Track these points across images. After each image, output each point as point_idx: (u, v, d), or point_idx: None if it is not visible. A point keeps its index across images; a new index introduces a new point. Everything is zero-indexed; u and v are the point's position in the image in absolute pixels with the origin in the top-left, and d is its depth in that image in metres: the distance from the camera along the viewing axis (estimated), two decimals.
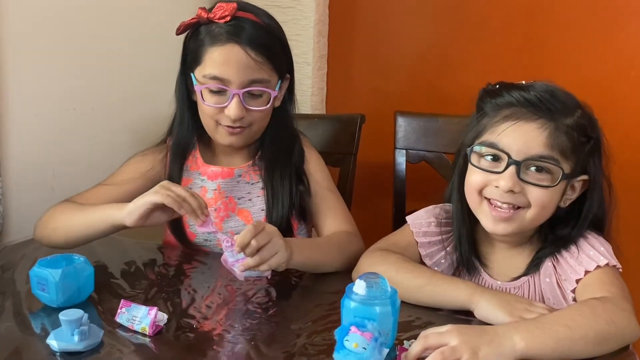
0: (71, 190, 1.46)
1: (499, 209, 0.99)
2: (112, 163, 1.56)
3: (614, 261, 0.99)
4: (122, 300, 0.96)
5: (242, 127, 1.22)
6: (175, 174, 1.29)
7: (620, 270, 1.01)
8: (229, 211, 1.28)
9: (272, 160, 1.29)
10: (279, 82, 1.24)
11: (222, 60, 1.17)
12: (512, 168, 0.97)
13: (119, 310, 0.95)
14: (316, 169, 1.33)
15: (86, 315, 0.88)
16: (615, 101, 1.58)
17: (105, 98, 1.58)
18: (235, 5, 1.18)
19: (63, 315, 0.87)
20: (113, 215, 1.12)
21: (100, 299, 1.04)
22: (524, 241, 1.08)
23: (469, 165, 1.04)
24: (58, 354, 0.86)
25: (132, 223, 1.09)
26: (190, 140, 1.31)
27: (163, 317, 0.95)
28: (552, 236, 1.04)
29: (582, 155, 1.00)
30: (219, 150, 1.32)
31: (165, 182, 1.11)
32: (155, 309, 0.93)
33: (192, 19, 1.22)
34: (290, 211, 1.27)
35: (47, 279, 0.98)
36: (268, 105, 1.22)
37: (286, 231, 1.27)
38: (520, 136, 0.97)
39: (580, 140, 0.99)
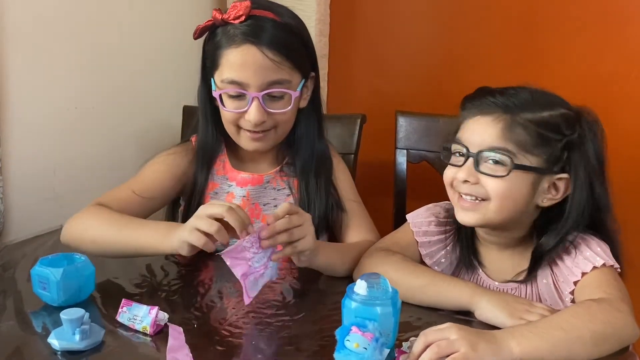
0: (72, 189, 1.47)
1: (465, 200, 1.03)
2: (113, 162, 1.57)
3: (611, 261, 1.00)
4: (123, 300, 0.96)
5: (265, 131, 1.18)
6: (202, 181, 1.25)
7: (619, 270, 1.01)
8: (254, 217, 1.25)
9: (305, 168, 1.25)
10: (303, 81, 1.19)
11: (238, 63, 1.13)
12: (470, 160, 1.01)
13: (120, 310, 0.95)
14: (343, 180, 1.30)
15: (87, 314, 0.88)
16: (616, 101, 1.58)
17: (107, 97, 1.58)
18: (249, 3, 1.13)
19: (64, 314, 0.87)
20: (161, 247, 1.04)
21: (101, 298, 1.04)
22: (515, 243, 1.08)
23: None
24: (59, 353, 0.86)
25: (185, 256, 1.03)
26: (215, 147, 1.26)
27: (164, 316, 0.95)
28: (543, 238, 1.04)
29: (555, 151, 1.00)
30: (245, 154, 1.28)
31: (200, 209, 1.00)
32: (156, 308, 0.93)
33: (207, 21, 1.17)
34: (325, 222, 1.23)
35: (48, 278, 0.98)
36: (290, 107, 1.17)
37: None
38: (477, 129, 1.02)
39: (548, 136, 0.99)
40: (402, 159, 1.57)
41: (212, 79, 1.18)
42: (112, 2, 1.57)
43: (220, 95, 1.17)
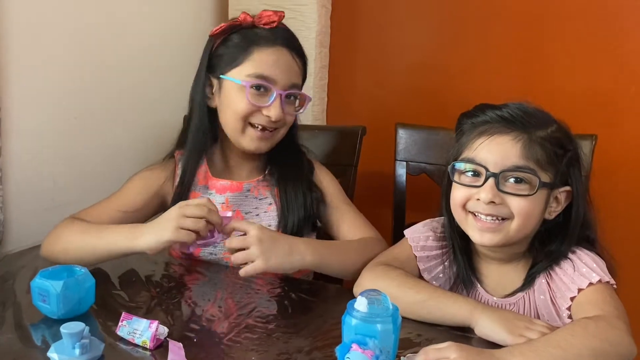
0: (71, 199, 1.46)
1: (484, 221, 1.02)
2: (113, 172, 1.56)
3: (607, 277, 1.00)
4: (123, 313, 0.96)
5: (272, 131, 1.25)
6: (188, 181, 1.29)
7: (615, 286, 1.01)
8: None
9: (282, 175, 1.30)
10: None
11: (272, 61, 1.22)
12: (490, 180, 1.00)
13: (120, 323, 0.95)
14: (329, 186, 1.33)
15: (87, 328, 0.88)
16: (615, 116, 1.58)
17: (107, 107, 1.58)
18: (282, 13, 1.25)
19: (64, 328, 0.87)
20: (132, 247, 1.12)
21: (101, 311, 1.04)
22: (515, 257, 1.08)
23: (453, 183, 1.06)
24: None
25: (153, 254, 1.12)
26: (206, 146, 1.30)
27: (164, 330, 0.94)
28: (543, 251, 1.05)
29: (561, 166, 1.02)
30: (225, 164, 1.32)
31: (177, 210, 1.10)
32: (156, 322, 0.92)
33: (234, 20, 1.25)
34: (307, 223, 1.27)
35: (48, 290, 0.97)
36: (302, 110, 1.28)
37: None
38: (496, 149, 1.01)
39: (557, 152, 1.01)
40: (401, 171, 1.58)
41: (222, 77, 1.24)
42: (113, 11, 1.57)
43: (248, 88, 1.21)
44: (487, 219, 1.01)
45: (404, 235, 1.18)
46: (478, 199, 1.01)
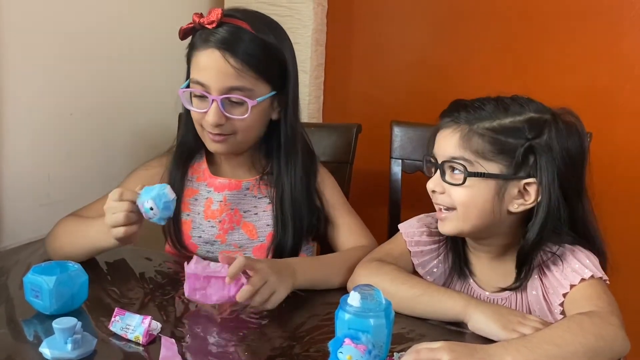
0: (66, 196, 1.47)
1: (440, 211, 1.05)
2: (108, 169, 1.57)
3: (600, 273, 1.00)
4: (116, 309, 0.96)
5: (225, 135, 1.20)
6: (177, 180, 1.28)
7: (608, 282, 1.01)
8: (234, 224, 1.27)
9: (281, 178, 1.26)
10: (272, 93, 1.20)
11: (202, 65, 1.17)
12: (438, 171, 1.04)
13: (112, 319, 0.95)
14: (329, 189, 1.32)
15: (79, 323, 0.88)
16: (610, 113, 1.59)
17: (103, 103, 1.58)
18: (220, 11, 1.17)
19: (56, 324, 0.87)
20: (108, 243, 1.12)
21: (94, 306, 1.04)
22: (503, 251, 1.08)
23: None
24: None
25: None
26: (194, 146, 1.30)
27: (157, 326, 0.94)
28: (522, 240, 1.03)
29: (518, 157, 0.99)
30: (223, 161, 1.31)
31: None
32: (149, 317, 0.92)
33: (188, 24, 1.21)
34: (302, 231, 1.26)
35: (41, 286, 0.97)
36: (247, 115, 1.17)
37: (293, 251, 1.26)
38: (440, 142, 1.05)
39: (508, 142, 0.99)
40: (397, 168, 1.58)
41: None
42: (109, 8, 1.57)
43: (190, 94, 1.21)
44: (441, 208, 1.05)
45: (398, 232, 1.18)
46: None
